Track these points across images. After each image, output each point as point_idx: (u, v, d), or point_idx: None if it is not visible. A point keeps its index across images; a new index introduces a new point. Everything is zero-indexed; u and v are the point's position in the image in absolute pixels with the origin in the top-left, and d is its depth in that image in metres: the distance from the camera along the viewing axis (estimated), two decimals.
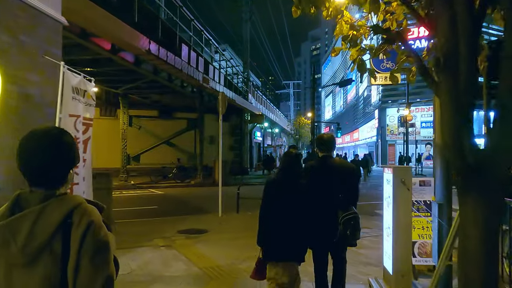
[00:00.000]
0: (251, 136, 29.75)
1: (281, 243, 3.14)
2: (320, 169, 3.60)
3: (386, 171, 4.53)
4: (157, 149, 23.20)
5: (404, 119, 28.04)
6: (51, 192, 1.24)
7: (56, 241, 1.17)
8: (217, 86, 17.43)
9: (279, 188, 3.24)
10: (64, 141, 1.28)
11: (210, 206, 11.63)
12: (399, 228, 4.16)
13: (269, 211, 3.23)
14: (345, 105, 79.60)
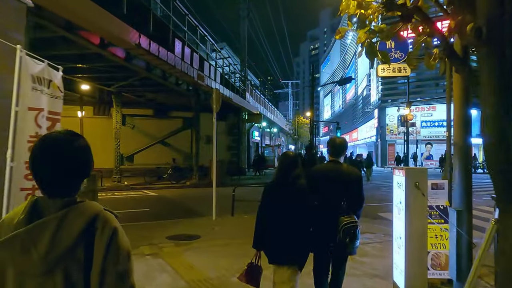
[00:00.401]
0: (249, 135, 29.21)
1: (278, 246, 3.10)
2: (326, 174, 3.51)
3: (397, 173, 3.98)
4: (152, 149, 22.60)
5: (405, 119, 27.47)
6: (71, 199, 1.21)
7: (79, 248, 1.15)
8: (213, 83, 16.88)
9: (276, 190, 3.21)
10: (76, 147, 1.22)
11: (204, 209, 11.10)
12: (413, 239, 3.61)
13: (266, 213, 3.19)
14: (344, 105, 79.18)
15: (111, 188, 16.87)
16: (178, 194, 16.09)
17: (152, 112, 23.06)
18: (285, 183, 3.16)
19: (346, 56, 75.12)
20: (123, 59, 11.88)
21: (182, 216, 10.13)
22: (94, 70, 13.87)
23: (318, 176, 3.52)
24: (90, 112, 21.07)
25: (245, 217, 9.82)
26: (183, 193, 16.21)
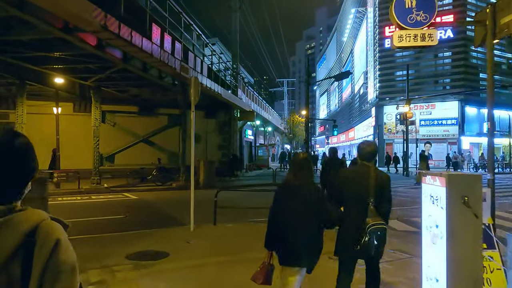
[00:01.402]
0: (242, 134, 27.88)
1: (289, 248, 3.11)
2: (356, 176, 3.50)
3: (429, 181, 2.67)
4: (135, 149, 21.16)
5: (404, 117, 26.26)
6: (8, 207, 1.07)
7: (15, 263, 1.02)
8: (199, 77, 15.49)
9: (287, 190, 3.26)
10: (17, 146, 1.09)
11: (185, 215, 9.77)
12: (460, 284, 2.30)
13: (277, 214, 3.23)
14: (340, 104, 77.97)
15: (89, 191, 15.48)
16: (161, 197, 14.74)
17: (137, 109, 21.63)
18: (296, 184, 3.17)
19: (342, 54, 73.97)
20: (94, 46, 10.52)
21: (157, 225, 8.80)
22: (65, 60, 12.50)
23: (349, 178, 3.53)
24: (70, 109, 19.64)
25: (229, 226, 8.52)
26: (166, 196, 14.86)
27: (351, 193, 3.37)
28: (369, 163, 3.47)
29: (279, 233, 3.16)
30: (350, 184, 3.42)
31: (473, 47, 38.81)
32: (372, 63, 44.78)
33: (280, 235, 3.16)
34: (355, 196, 3.34)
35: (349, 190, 3.40)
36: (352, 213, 3.30)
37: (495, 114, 29.31)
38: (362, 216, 3.19)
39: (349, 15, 60.87)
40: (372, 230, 3.07)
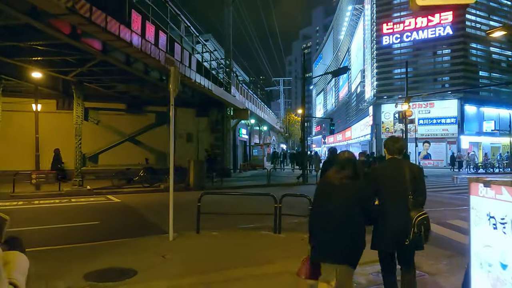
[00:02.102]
0: (235, 133, 26.91)
1: (329, 244, 3.09)
2: (391, 171, 3.55)
3: (484, 193, 1.70)
4: (121, 148, 20.09)
5: (403, 115, 25.34)
6: None
7: None
8: (187, 71, 14.47)
9: (329, 187, 3.23)
10: None
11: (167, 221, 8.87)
12: None
13: (319, 211, 3.24)
14: (336, 103, 77.18)
15: (70, 193, 14.45)
16: (146, 200, 13.75)
17: (125, 106, 20.58)
18: (336, 182, 3.18)
19: (339, 53, 73.17)
20: (68, 35, 9.52)
21: (134, 233, 7.83)
22: (40, 52, 11.50)
23: (383, 174, 3.59)
24: (53, 106, 18.57)
25: (215, 235, 7.55)
26: (153, 199, 13.86)
27: (388, 188, 3.44)
28: (399, 156, 3.59)
29: (322, 229, 3.15)
30: (385, 180, 3.48)
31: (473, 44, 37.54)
32: (370, 61, 43.96)
33: (322, 231, 3.15)
34: (393, 191, 3.41)
35: (385, 186, 3.45)
36: (390, 207, 3.37)
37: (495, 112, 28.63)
38: (402, 209, 3.28)
39: (346, 13, 60.03)
40: (420, 221, 3.20)
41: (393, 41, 40.12)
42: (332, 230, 3.06)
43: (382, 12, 40.98)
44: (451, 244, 6.93)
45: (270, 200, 7.78)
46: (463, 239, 7.25)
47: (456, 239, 7.27)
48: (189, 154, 21.37)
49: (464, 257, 6.20)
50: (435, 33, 37.73)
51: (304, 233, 7.80)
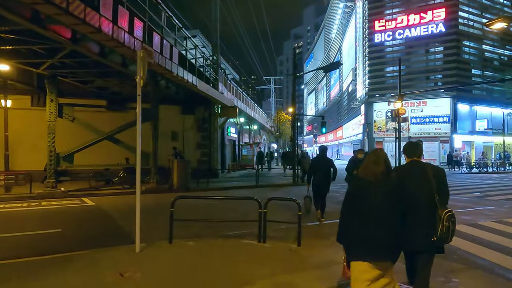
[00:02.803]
0: (224, 132, 25.91)
1: (374, 241, 3.08)
2: (416, 172, 3.66)
3: None
4: (99, 147, 18.89)
5: (396, 113, 24.56)
6: None
7: None
8: (167, 63, 13.39)
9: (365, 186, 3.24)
10: None
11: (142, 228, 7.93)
12: None
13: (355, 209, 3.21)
14: (328, 102, 76.57)
15: (42, 196, 13.35)
16: (124, 203, 12.66)
17: (106, 103, 19.45)
18: (372, 179, 3.23)
19: (330, 52, 72.56)
20: (29, 19, 8.47)
21: (98, 242, 6.83)
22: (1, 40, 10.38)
23: (408, 176, 3.61)
24: (27, 103, 17.36)
25: (190, 245, 6.58)
26: (131, 202, 12.61)
27: (414, 188, 3.50)
28: (419, 159, 3.76)
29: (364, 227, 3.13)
30: (411, 180, 3.55)
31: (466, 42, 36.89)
32: (361, 59, 43.30)
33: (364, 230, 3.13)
34: (419, 190, 3.51)
35: (411, 185, 3.50)
36: (416, 207, 3.45)
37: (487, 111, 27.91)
38: (428, 208, 3.45)
39: (337, 10, 59.36)
40: (448, 217, 3.39)
41: (385, 38, 39.49)
42: (376, 226, 3.08)
43: (374, 9, 40.33)
44: (460, 255, 6.07)
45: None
46: (471, 248, 6.42)
47: (463, 248, 6.41)
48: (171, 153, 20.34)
49: (477, 271, 5.41)
50: (428, 31, 37.18)
51: (293, 242, 6.96)
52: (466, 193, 15.02)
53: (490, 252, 6.26)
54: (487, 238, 7.19)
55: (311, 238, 7.13)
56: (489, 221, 9.01)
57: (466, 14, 37.36)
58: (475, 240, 7.04)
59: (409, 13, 37.97)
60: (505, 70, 35.35)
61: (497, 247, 6.52)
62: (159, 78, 15.94)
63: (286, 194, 15.31)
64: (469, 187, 17.40)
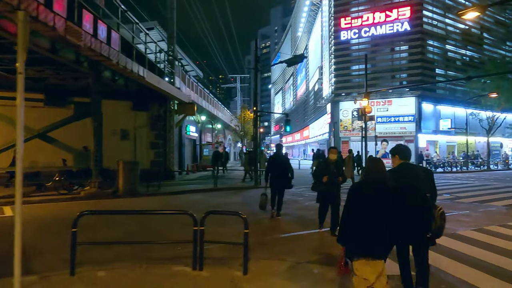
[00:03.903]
0: (182, 130, 24.10)
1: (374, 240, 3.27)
2: (409, 173, 3.98)
3: None
4: (29, 147, 16.50)
5: (362, 111, 23.68)
6: None
7: None
8: (104, 48, 11.45)
9: (368, 189, 3.46)
10: None
11: (58, 249, 6.26)
12: None
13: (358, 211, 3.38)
14: (295, 102, 75.97)
15: None
16: (55, 212, 10.70)
17: (44, 96, 17.15)
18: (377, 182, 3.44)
19: (297, 51, 71.87)
20: None
21: None
22: None
23: (403, 175, 3.91)
24: None
25: (100, 276, 4.90)
26: (64, 211, 10.80)
27: (410, 190, 3.75)
28: (407, 160, 4.15)
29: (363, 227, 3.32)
30: (407, 182, 3.81)
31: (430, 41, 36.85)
32: (327, 57, 42.60)
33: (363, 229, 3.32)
34: (415, 192, 3.79)
35: (408, 186, 3.78)
36: (414, 207, 3.70)
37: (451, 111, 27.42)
38: (423, 208, 3.77)
39: (304, 8, 58.64)
40: (440, 216, 3.76)
41: (351, 36, 38.92)
42: (376, 228, 3.26)
43: (340, 6, 39.69)
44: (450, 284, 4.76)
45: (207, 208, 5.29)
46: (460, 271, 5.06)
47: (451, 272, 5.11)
48: (125, 154, 18.38)
49: None
50: (393, 29, 36.90)
51: (238, 267, 5.45)
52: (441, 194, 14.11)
53: (485, 278, 5.01)
54: (473, 254, 5.98)
55: (264, 259, 5.65)
56: (469, 229, 7.91)
57: (430, 13, 37.40)
58: (461, 258, 5.80)
59: (375, 11, 37.57)
60: (467, 70, 35.52)
61: (489, 269, 5.29)
62: (102, 68, 14.00)
63: (246, 198, 13.84)
64: (438, 188, 16.57)
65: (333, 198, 7.22)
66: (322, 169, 7.43)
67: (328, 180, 7.05)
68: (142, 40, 17.03)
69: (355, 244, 3.34)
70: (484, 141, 36.61)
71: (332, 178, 7.11)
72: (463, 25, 40.59)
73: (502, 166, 35.19)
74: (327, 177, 7.08)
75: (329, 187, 7.14)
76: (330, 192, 7.19)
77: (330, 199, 7.25)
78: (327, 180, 7.05)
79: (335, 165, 7.34)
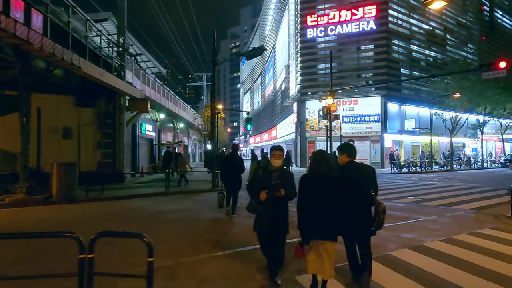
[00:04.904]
0: (136, 129, 22.34)
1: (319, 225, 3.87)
2: (355, 169, 4.33)
3: None
4: None
5: (328, 110, 22.81)
6: None
7: None
8: (18, 29, 9.76)
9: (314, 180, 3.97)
10: None
11: None
12: None
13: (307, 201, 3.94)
14: (263, 101, 74.99)
15: None
16: None
17: None
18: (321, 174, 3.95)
19: (265, 51, 70.93)
20: None
21: None
22: None
23: (352, 173, 4.25)
24: None
25: None
26: None
27: (357, 186, 4.17)
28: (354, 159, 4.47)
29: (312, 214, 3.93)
30: (354, 179, 4.19)
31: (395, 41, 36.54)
32: (294, 55, 41.78)
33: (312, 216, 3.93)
34: (361, 188, 4.18)
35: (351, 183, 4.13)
36: (360, 202, 4.17)
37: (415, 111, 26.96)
38: (365, 202, 4.18)
39: (271, 6, 57.71)
40: (382, 211, 4.18)
41: (318, 34, 38.24)
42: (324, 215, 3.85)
43: (306, 3, 38.93)
44: None
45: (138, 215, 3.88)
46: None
47: None
48: (67, 154, 16.53)
49: None
50: (359, 28, 36.51)
51: None
52: (401, 197, 13.28)
53: None
54: (445, 275, 4.90)
55: None
56: (437, 240, 6.91)
57: (395, 13, 37.31)
58: (430, 282, 4.70)
59: (341, 9, 37.07)
60: (431, 70, 35.63)
61: None
62: (32, 56, 12.20)
63: (196, 203, 12.47)
64: (403, 190, 15.85)
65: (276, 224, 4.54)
66: (258, 180, 4.67)
67: (267, 197, 4.45)
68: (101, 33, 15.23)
69: (308, 228, 3.89)
70: (448, 141, 36.88)
71: (272, 192, 4.41)
72: (427, 26, 40.91)
73: (465, 166, 35.53)
74: (266, 192, 4.45)
75: (270, 208, 4.49)
76: (272, 215, 4.50)
77: (272, 227, 4.54)
78: (266, 196, 4.46)
79: (279, 174, 4.58)
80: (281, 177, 4.53)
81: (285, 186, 4.44)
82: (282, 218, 4.53)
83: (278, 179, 4.50)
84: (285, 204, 4.61)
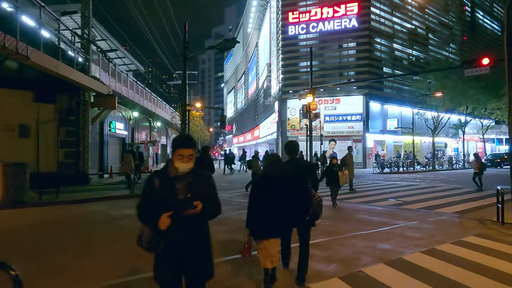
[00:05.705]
0: (105, 127, 21.04)
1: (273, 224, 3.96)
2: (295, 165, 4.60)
3: None
4: None
5: (307, 108, 21.97)
6: None
7: None
8: None
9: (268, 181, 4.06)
10: None
11: None
12: None
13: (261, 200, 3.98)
14: (246, 101, 73.97)
15: None
16: None
17: None
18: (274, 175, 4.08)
19: (248, 49, 70.11)
20: None
21: None
22: None
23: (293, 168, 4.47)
24: None
25: None
26: None
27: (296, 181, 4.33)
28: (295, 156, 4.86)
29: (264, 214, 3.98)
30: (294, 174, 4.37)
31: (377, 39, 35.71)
32: (275, 53, 40.92)
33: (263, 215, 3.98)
34: (295, 182, 4.29)
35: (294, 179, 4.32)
36: (298, 195, 4.27)
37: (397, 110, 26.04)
38: (302, 195, 4.35)
39: (253, 3, 56.75)
40: (317, 202, 4.44)
41: (299, 31, 37.46)
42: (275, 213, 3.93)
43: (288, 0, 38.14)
44: None
45: None
46: None
47: None
48: (25, 154, 15.20)
49: None
50: (341, 25, 35.88)
51: None
52: (381, 199, 12.45)
53: None
54: None
55: None
56: (417, 251, 6.02)
57: (378, 10, 36.82)
58: None
59: (323, 5, 36.38)
60: (413, 70, 35.25)
61: None
62: None
63: None
64: (383, 191, 15.06)
65: (191, 264, 2.81)
66: (155, 196, 2.75)
67: (171, 222, 2.65)
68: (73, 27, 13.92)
69: (257, 228, 4.03)
70: (430, 141, 36.56)
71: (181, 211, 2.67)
72: (409, 25, 40.59)
73: (447, 166, 35.25)
74: (168, 215, 2.62)
75: (179, 238, 2.72)
76: (183, 249, 2.74)
77: (183, 270, 2.82)
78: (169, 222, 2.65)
79: (187, 183, 2.78)
80: (192, 186, 2.75)
81: (202, 198, 2.67)
82: (201, 253, 2.78)
83: (188, 190, 2.73)
84: (204, 228, 2.84)
